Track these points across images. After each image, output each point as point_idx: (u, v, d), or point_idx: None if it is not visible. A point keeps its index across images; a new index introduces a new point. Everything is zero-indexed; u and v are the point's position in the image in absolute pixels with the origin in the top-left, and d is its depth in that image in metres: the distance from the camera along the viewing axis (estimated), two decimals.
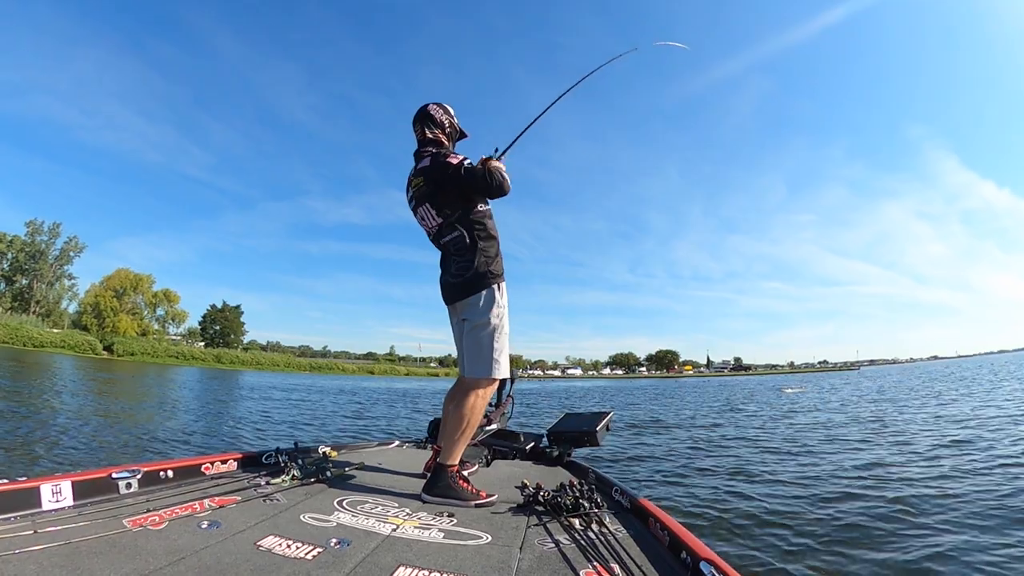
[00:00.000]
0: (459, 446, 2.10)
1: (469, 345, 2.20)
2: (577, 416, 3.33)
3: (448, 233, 2.23)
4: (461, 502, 1.94)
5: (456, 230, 2.21)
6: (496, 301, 2.18)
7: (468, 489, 2.00)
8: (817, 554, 3.16)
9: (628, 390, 32.76)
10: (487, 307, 2.17)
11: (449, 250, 2.27)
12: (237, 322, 66.53)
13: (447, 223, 2.22)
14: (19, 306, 47.20)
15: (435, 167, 2.21)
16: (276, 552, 1.36)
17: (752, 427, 9.96)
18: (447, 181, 2.18)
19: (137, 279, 51.43)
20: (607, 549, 1.46)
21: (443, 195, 2.20)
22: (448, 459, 2.07)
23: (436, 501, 1.95)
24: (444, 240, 2.26)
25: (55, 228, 50.33)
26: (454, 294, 2.27)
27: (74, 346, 39.52)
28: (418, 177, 2.27)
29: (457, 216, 2.20)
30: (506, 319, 2.21)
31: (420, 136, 2.36)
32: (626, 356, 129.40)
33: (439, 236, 2.27)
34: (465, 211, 2.21)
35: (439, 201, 2.22)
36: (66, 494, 1.63)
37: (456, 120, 2.44)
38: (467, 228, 2.21)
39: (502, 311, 2.19)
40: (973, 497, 4.20)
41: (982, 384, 20.15)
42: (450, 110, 2.41)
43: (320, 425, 9.88)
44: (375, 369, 71.70)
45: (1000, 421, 8.82)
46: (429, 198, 2.24)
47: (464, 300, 2.22)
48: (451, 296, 2.30)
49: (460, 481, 2.03)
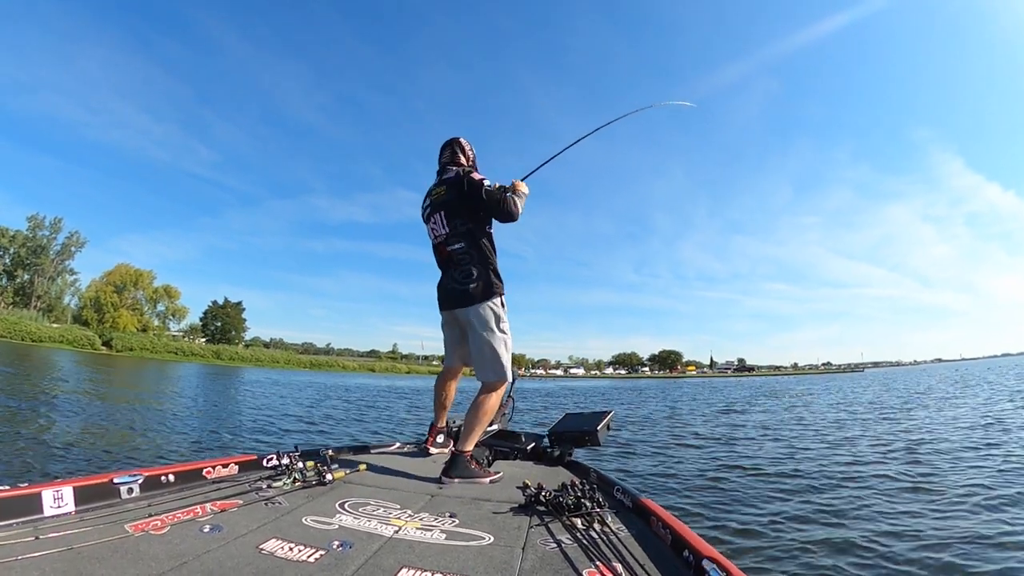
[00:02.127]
0: (474, 436, 2.38)
1: (480, 353, 2.41)
2: (578, 416, 3.32)
3: (455, 243, 2.44)
4: (477, 480, 2.25)
5: (463, 241, 2.42)
6: (502, 311, 2.40)
7: (480, 469, 2.34)
8: (820, 552, 3.17)
9: (622, 390, 32.80)
10: (496, 319, 2.39)
11: (454, 259, 2.46)
12: (238, 318, 66.68)
13: (455, 233, 2.43)
14: (21, 301, 47.25)
15: (460, 179, 2.44)
16: (278, 555, 1.35)
17: (754, 428, 9.98)
18: (467, 195, 2.39)
19: (137, 274, 51.49)
20: (609, 548, 1.46)
21: (460, 207, 2.42)
22: (464, 446, 2.35)
23: (456, 481, 2.22)
24: (451, 249, 2.45)
25: (56, 223, 50.43)
26: (459, 301, 2.45)
27: (72, 341, 39.61)
28: (440, 187, 2.51)
29: (466, 229, 2.42)
30: (509, 331, 2.44)
31: (448, 159, 2.64)
32: (629, 356, 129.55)
33: (446, 244, 2.47)
34: (475, 226, 2.43)
35: (454, 211, 2.43)
36: (68, 500, 1.63)
37: (474, 155, 2.76)
38: (474, 242, 2.42)
39: (506, 324, 2.42)
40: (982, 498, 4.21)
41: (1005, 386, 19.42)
42: (470, 146, 2.74)
43: (320, 426, 9.91)
44: (376, 367, 71.85)
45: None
46: (445, 207, 2.45)
47: (469, 308, 2.40)
48: (455, 302, 2.48)
49: (473, 463, 2.34)
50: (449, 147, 2.68)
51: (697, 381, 57.79)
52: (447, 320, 2.64)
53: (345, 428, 9.78)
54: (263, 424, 9.33)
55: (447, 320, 2.64)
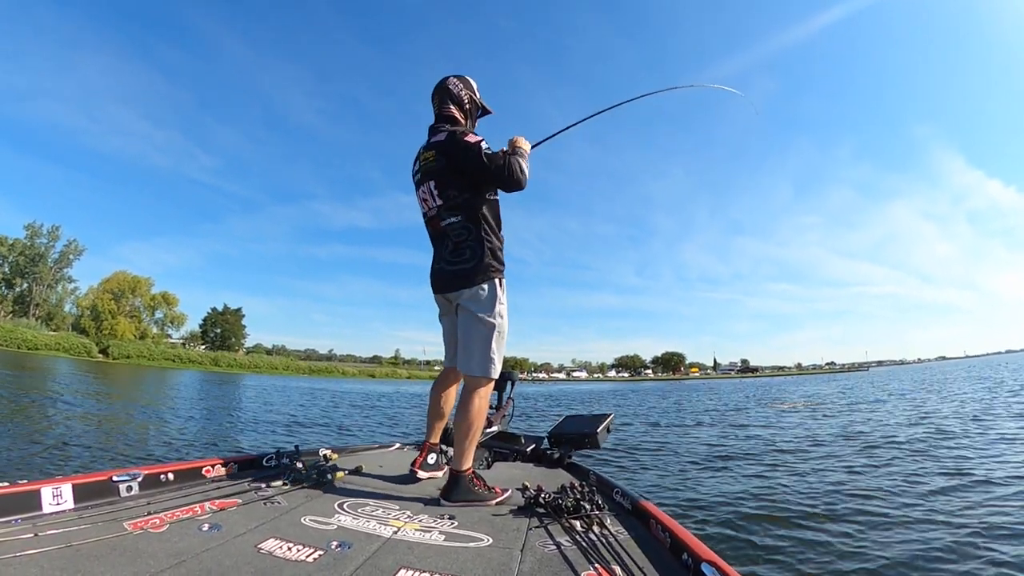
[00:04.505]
0: (470, 449, 2.03)
1: (466, 339, 2.07)
2: (578, 418, 3.33)
3: (449, 217, 2.06)
4: (483, 503, 1.92)
5: (459, 215, 2.04)
6: (498, 296, 2.05)
7: (485, 489, 1.99)
8: (820, 556, 3.15)
9: (624, 393, 32.72)
10: (490, 302, 2.04)
11: (448, 235, 2.09)
12: (238, 325, 66.52)
13: (448, 206, 2.05)
14: (20, 310, 47.13)
15: (450, 143, 2.03)
16: (277, 555, 1.35)
17: (756, 430, 9.95)
18: (460, 161, 2.01)
19: (135, 281, 51.37)
20: (608, 551, 1.46)
21: (453, 175, 2.03)
22: (462, 464, 1.99)
23: (459, 505, 1.89)
24: (444, 224, 2.08)
25: (54, 231, 50.46)
26: (450, 283, 2.10)
27: (69, 349, 39.44)
28: (429, 151, 2.10)
29: (463, 200, 2.04)
30: (506, 317, 2.09)
31: (437, 110, 2.21)
32: (632, 358, 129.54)
33: (438, 218, 2.09)
34: (473, 196, 2.04)
35: (447, 181, 2.04)
36: (67, 497, 1.63)
37: (479, 95, 2.25)
38: (472, 214, 2.04)
39: (503, 308, 2.07)
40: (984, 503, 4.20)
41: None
42: (472, 84, 2.23)
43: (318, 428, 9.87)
44: (376, 372, 71.63)
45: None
46: (436, 175, 2.06)
47: (462, 291, 2.06)
48: (446, 285, 2.13)
49: (477, 482, 2.00)
50: (436, 95, 2.20)
51: (700, 383, 57.48)
52: (442, 307, 2.28)
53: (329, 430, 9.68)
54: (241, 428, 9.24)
55: (442, 307, 2.28)
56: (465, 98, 2.20)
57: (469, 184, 2.04)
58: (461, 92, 2.20)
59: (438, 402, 2.38)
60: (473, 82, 2.25)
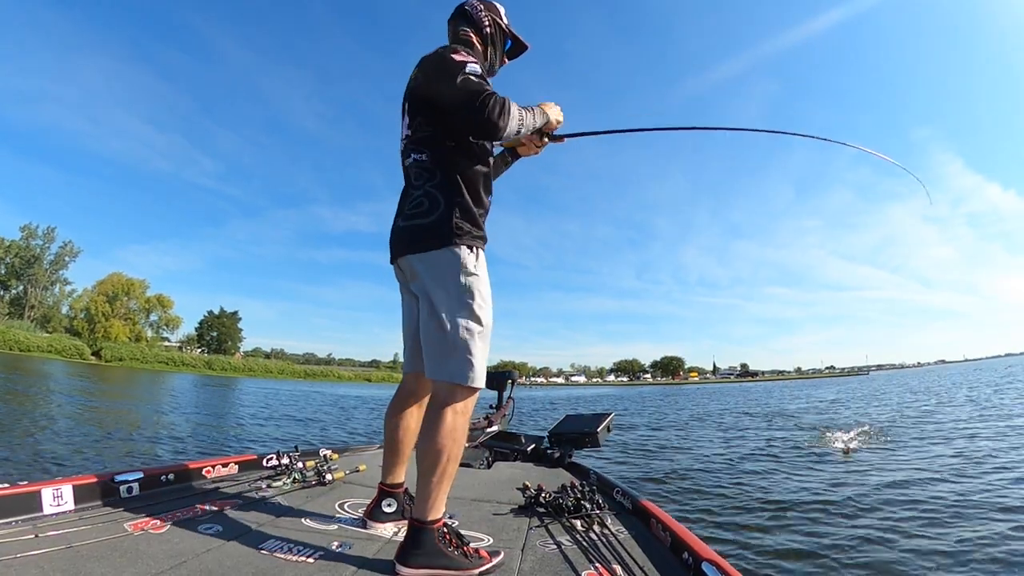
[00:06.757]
0: (442, 491, 1.38)
1: (429, 331, 1.46)
2: (578, 418, 3.33)
3: (414, 152, 1.55)
4: (459, 573, 1.32)
5: (423, 151, 1.53)
6: (469, 268, 1.46)
7: (465, 551, 1.36)
8: (820, 555, 3.16)
9: (624, 399, 32.68)
10: (460, 272, 1.44)
11: (410, 178, 1.58)
12: (234, 328, 66.14)
13: (415, 138, 1.55)
14: (15, 311, 46.77)
15: (432, 56, 1.56)
16: (277, 555, 1.36)
17: (757, 431, 9.97)
18: (434, 80, 1.50)
19: (130, 284, 51.00)
20: (609, 550, 1.47)
21: (425, 99, 1.53)
22: (428, 512, 1.35)
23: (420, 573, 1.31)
24: (407, 162, 1.59)
25: (50, 232, 50.05)
26: (401, 243, 1.55)
27: (61, 351, 39.09)
28: (416, 68, 1.61)
29: (431, 133, 1.53)
30: (489, 301, 1.50)
31: (451, 39, 1.74)
32: (631, 363, 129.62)
33: (404, 155, 1.61)
34: (444, 129, 1.51)
35: (418, 104, 1.55)
36: (67, 498, 1.63)
37: (506, 21, 1.77)
38: (440, 156, 1.52)
39: (482, 285, 1.48)
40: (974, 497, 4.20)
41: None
42: (498, 7, 1.76)
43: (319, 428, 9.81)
44: (372, 376, 71.27)
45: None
46: (410, 97, 1.58)
47: (415, 256, 1.49)
48: (398, 246, 1.57)
49: (452, 541, 1.36)
50: (452, 22, 1.75)
51: (699, 388, 57.46)
52: (400, 282, 1.67)
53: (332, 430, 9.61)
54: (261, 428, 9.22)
55: (400, 282, 1.67)
56: (485, 21, 1.71)
57: (443, 115, 1.50)
58: (481, 14, 1.71)
59: (396, 430, 1.69)
60: (500, 7, 1.79)
